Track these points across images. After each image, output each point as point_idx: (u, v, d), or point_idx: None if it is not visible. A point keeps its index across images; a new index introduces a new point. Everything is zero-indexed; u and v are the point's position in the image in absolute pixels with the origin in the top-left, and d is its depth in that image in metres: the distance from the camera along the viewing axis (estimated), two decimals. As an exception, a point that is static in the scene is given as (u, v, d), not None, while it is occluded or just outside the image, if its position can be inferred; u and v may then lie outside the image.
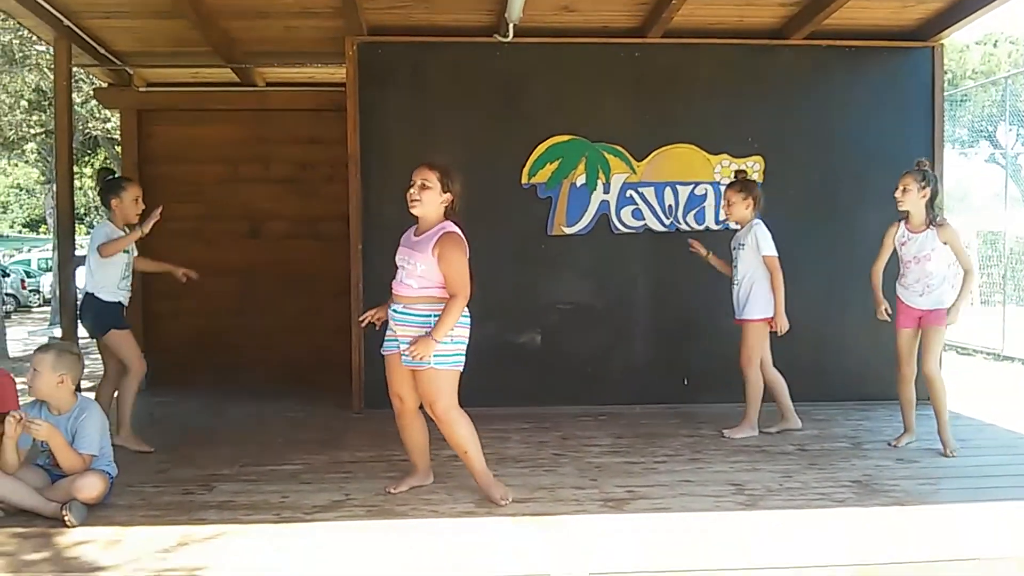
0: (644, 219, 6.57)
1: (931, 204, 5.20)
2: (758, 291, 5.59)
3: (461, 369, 4.17)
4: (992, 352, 11.28)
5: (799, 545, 3.66)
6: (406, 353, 4.08)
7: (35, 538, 3.70)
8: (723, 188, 5.95)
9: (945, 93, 7.40)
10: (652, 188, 6.54)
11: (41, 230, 31.77)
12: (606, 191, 6.55)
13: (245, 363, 7.68)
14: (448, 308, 4.02)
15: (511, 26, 6.11)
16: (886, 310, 5.38)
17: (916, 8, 6.41)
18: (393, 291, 4.23)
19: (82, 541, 3.66)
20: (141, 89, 8.05)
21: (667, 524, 3.93)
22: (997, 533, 3.83)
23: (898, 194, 5.20)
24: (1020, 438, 5.72)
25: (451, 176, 4.17)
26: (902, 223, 5.30)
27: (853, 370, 6.66)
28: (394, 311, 4.18)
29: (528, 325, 6.62)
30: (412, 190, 4.13)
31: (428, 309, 4.09)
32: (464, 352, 4.17)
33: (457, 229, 4.15)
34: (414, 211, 4.17)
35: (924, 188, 5.14)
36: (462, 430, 4.18)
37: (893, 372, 5.43)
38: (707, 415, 6.19)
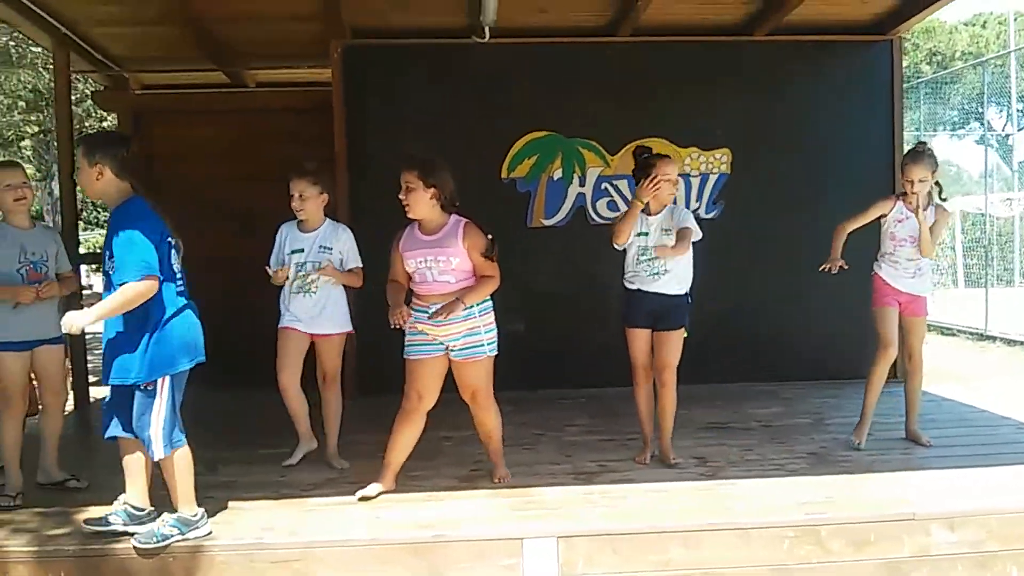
0: (618, 210, 6.85)
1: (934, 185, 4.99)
2: None
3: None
4: (975, 332, 11.50)
5: (750, 507, 4.02)
6: (451, 345, 4.20)
7: (55, 516, 4.01)
8: (703, 180, 5.53)
9: (936, 74, 7.68)
10: (625, 180, 6.80)
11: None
12: (582, 184, 6.88)
13: (236, 354, 7.89)
14: (483, 282, 4.16)
15: (487, 28, 6.39)
16: (831, 268, 5.03)
17: (873, 3, 6.73)
18: (420, 295, 4.23)
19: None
20: (137, 92, 8.33)
21: (630, 492, 4.29)
22: (932, 495, 4.18)
23: (916, 187, 4.83)
24: (974, 411, 6.04)
25: (429, 170, 4.12)
26: (899, 201, 4.97)
27: (820, 350, 6.96)
28: (429, 313, 4.16)
29: (512, 314, 6.89)
30: (401, 195, 4.14)
31: None
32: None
33: (469, 220, 4.22)
34: (411, 215, 4.18)
35: (935, 172, 4.91)
36: (497, 416, 4.47)
37: (859, 351, 5.62)
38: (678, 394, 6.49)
